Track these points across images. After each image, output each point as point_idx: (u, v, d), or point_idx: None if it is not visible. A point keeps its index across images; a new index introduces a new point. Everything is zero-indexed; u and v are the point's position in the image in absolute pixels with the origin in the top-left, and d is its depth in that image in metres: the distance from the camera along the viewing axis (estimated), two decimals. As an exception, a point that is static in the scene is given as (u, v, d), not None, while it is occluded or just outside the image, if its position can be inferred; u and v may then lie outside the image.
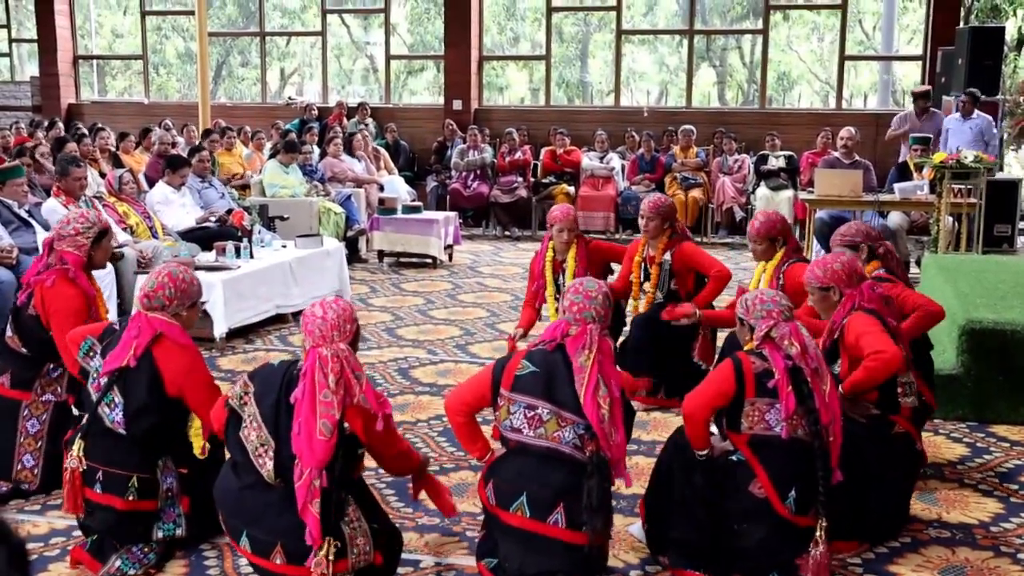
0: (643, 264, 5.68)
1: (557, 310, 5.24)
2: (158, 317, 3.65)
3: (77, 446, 3.60)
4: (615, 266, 6.17)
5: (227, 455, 3.45)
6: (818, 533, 3.36)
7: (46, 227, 6.91)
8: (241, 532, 3.25)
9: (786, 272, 4.99)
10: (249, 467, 3.25)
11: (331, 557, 3.10)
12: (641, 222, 5.66)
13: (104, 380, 3.60)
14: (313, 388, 3.15)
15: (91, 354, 3.70)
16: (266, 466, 3.19)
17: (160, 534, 3.66)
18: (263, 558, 3.22)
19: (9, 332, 4.29)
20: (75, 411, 4.08)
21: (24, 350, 4.25)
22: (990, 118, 9.85)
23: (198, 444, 3.69)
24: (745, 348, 3.59)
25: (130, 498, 3.57)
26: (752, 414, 3.44)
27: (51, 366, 4.27)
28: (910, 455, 3.99)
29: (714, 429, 3.64)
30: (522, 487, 3.29)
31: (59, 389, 4.28)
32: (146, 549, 3.66)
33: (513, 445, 3.36)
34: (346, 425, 3.18)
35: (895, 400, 3.92)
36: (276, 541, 3.18)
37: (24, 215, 6.75)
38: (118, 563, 3.60)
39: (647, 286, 5.67)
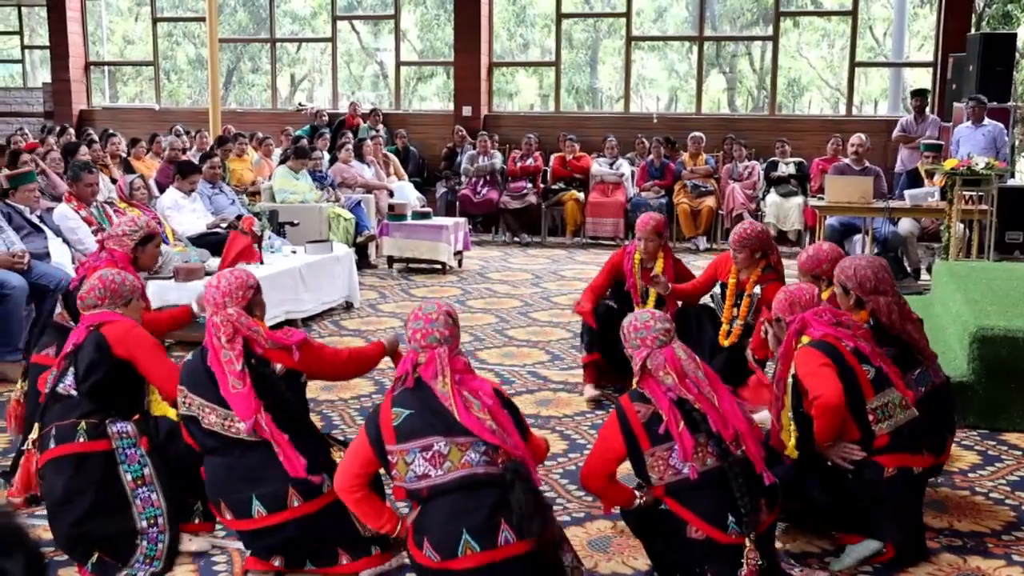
0: (735, 290, 5.46)
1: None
2: (94, 313, 3.91)
3: (35, 429, 3.85)
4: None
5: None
6: (745, 553, 3.23)
7: (57, 232, 6.95)
8: (251, 502, 3.43)
9: None
10: (229, 443, 3.47)
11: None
12: (731, 252, 5.43)
13: (59, 370, 3.84)
14: (215, 353, 3.50)
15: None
16: (241, 430, 3.43)
17: (129, 476, 3.72)
18: (280, 510, 3.42)
19: (59, 309, 4.62)
20: None
21: (71, 324, 4.46)
22: (1001, 125, 9.83)
23: (171, 412, 3.88)
24: (631, 387, 3.47)
25: (80, 440, 3.71)
26: (656, 465, 3.30)
27: None
28: (912, 486, 3.76)
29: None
30: (459, 526, 3.08)
31: None
32: (153, 556, 3.68)
33: (426, 493, 3.14)
34: (279, 366, 3.55)
35: (870, 431, 3.66)
36: (286, 486, 3.41)
37: (35, 220, 6.78)
38: (124, 572, 3.64)
39: (734, 312, 5.43)
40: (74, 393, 3.78)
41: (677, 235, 11.84)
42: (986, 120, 9.81)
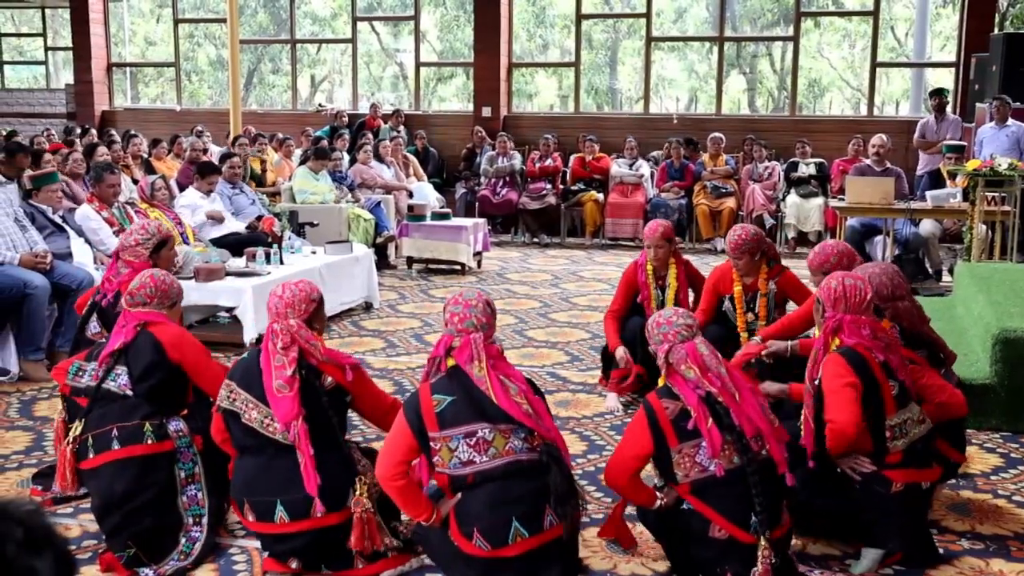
0: (744, 296, 5.35)
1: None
2: (141, 311, 3.94)
3: (74, 427, 3.86)
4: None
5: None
6: (759, 552, 3.22)
7: (79, 233, 6.99)
8: (275, 506, 3.43)
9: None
10: (264, 443, 3.49)
11: (365, 495, 3.43)
12: (731, 260, 5.36)
13: (104, 367, 3.86)
14: (267, 356, 3.50)
15: (80, 373, 3.96)
16: (278, 430, 3.44)
17: (182, 473, 3.81)
18: (303, 518, 3.42)
19: (95, 328, 4.55)
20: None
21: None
22: None
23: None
24: (659, 383, 3.48)
25: (149, 442, 3.77)
26: (683, 462, 3.31)
27: None
28: (919, 500, 3.73)
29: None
30: (507, 513, 3.19)
31: None
32: (188, 553, 3.72)
33: (472, 479, 3.22)
34: (329, 379, 3.53)
35: (884, 447, 3.61)
36: (312, 495, 3.40)
37: (58, 220, 6.83)
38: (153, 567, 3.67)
39: (750, 317, 5.32)
40: (130, 393, 3.83)
41: (696, 236, 11.81)
42: (1010, 121, 9.74)
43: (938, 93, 11.16)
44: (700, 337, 3.44)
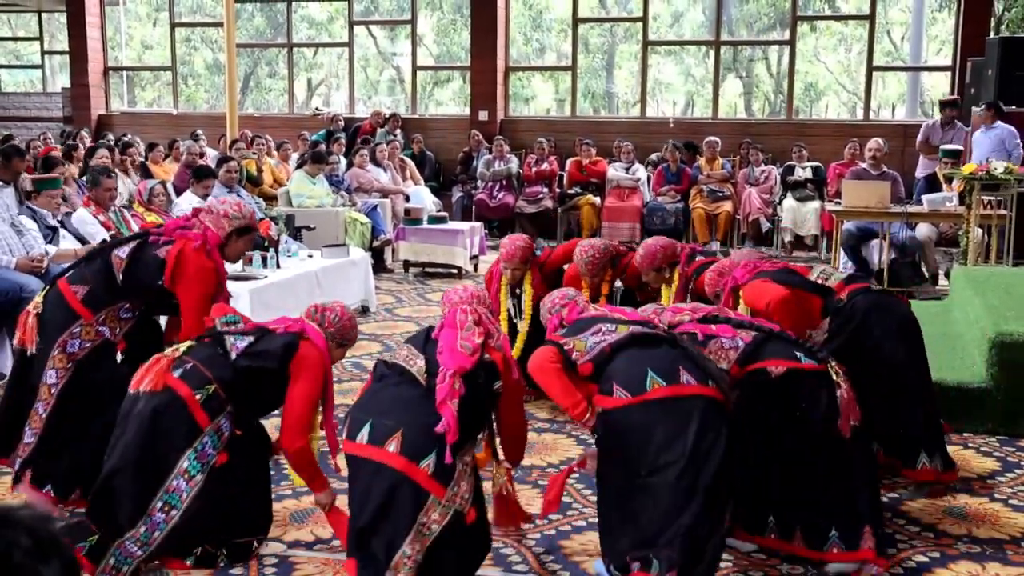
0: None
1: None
2: (314, 327, 3.84)
3: (186, 346, 3.73)
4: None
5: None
6: (834, 376, 3.63)
7: (77, 236, 6.99)
8: (364, 424, 3.30)
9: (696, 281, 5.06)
10: (395, 371, 3.45)
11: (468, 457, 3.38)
12: (588, 279, 5.60)
13: (236, 333, 3.78)
14: (454, 323, 3.51)
15: (230, 326, 3.83)
16: (417, 364, 3.42)
17: (185, 464, 3.56)
18: (377, 445, 3.25)
19: (121, 254, 4.19)
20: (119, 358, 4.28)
21: (120, 276, 4.16)
22: (1012, 128, 9.71)
23: (297, 480, 3.93)
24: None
25: (199, 396, 3.58)
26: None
27: (126, 306, 4.22)
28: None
29: None
30: (642, 365, 3.46)
31: (118, 330, 4.24)
32: (139, 544, 3.59)
33: (608, 349, 3.55)
34: (498, 384, 3.47)
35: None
36: (398, 428, 3.27)
37: (55, 224, 6.83)
38: (112, 560, 3.57)
39: None
40: (233, 357, 3.67)
41: (692, 240, 11.81)
42: (997, 123, 9.73)
43: (952, 105, 10.87)
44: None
